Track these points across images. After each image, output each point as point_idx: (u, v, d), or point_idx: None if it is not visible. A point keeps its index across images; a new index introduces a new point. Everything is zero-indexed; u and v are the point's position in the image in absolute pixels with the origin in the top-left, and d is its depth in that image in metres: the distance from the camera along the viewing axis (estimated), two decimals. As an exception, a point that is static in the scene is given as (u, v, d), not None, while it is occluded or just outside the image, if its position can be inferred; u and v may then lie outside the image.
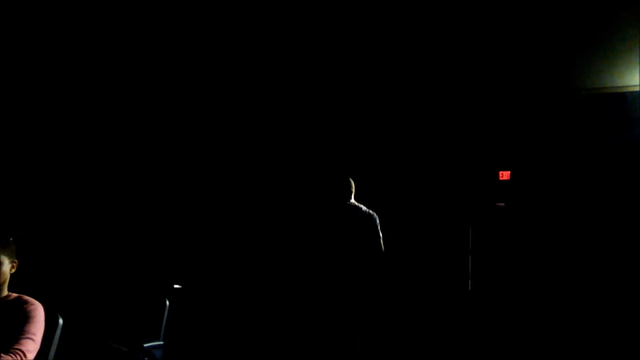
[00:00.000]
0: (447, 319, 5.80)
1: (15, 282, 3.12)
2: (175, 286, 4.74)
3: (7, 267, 3.02)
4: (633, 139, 5.29)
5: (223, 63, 6.19)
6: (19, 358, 2.77)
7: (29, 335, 2.86)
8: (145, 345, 4.19)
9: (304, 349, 5.03)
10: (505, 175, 5.88)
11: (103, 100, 6.54)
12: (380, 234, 4.95)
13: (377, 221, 4.93)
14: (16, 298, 3.02)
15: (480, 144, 5.98)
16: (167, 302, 4.41)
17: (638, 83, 5.27)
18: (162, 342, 4.40)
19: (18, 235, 3.24)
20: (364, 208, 4.97)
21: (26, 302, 2.98)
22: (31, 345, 2.86)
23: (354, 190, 5.06)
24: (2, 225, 5.52)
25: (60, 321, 3.16)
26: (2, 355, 2.76)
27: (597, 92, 5.62)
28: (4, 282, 3.01)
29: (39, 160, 6.23)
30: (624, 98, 5.45)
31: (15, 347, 2.79)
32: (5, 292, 3.03)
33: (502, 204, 5.84)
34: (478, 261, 6.01)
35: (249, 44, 5.84)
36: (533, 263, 5.48)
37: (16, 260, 3.08)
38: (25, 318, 2.90)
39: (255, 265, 6.21)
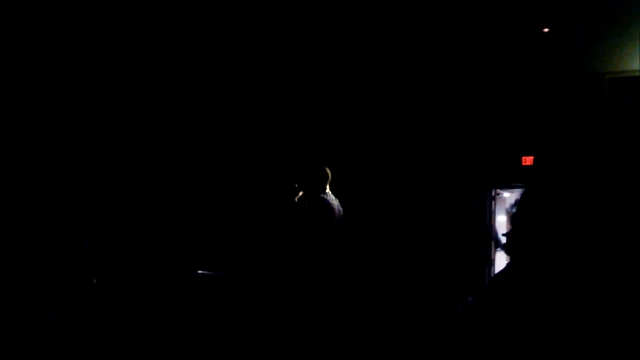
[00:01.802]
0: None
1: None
2: (200, 272, 4.81)
3: None
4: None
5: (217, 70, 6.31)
6: None
7: None
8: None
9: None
10: (528, 160, 5.84)
11: (132, 95, 6.61)
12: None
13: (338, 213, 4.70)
14: None
15: (504, 129, 5.95)
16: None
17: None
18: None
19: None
20: (335, 202, 4.72)
21: None
22: None
23: (329, 179, 4.76)
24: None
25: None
26: None
27: (621, 76, 5.57)
28: None
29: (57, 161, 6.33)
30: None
31: None
32: None
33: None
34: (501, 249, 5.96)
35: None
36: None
37: None
38: None
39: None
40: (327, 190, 4.70)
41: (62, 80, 6.17)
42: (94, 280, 5.33)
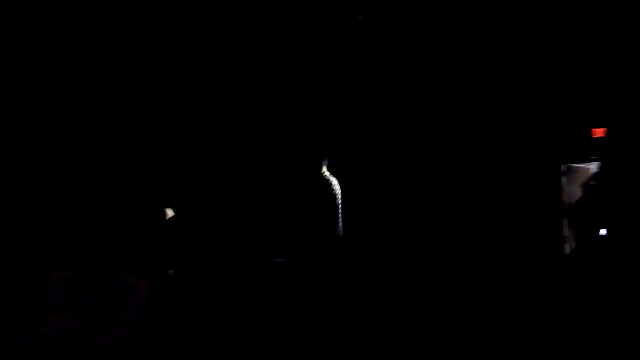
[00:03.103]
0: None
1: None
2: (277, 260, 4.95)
3: None
4: None
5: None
6: None
7: None
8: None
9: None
10: (599, 132, 5.65)
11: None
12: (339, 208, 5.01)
13: (339, 194, 5.00)
14: None
15: (573, 100, 5.77)
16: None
17: None
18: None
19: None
20: (333, 182, 5.05)
21: None
22: None
23: (325, 160, 5.12)
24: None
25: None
26: None
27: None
28: None
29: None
30: None
31: None
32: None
33: None
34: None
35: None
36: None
37: None
38: None
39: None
40: (324, 170, 5.05)
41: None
42: (170, 272, 5.52)
